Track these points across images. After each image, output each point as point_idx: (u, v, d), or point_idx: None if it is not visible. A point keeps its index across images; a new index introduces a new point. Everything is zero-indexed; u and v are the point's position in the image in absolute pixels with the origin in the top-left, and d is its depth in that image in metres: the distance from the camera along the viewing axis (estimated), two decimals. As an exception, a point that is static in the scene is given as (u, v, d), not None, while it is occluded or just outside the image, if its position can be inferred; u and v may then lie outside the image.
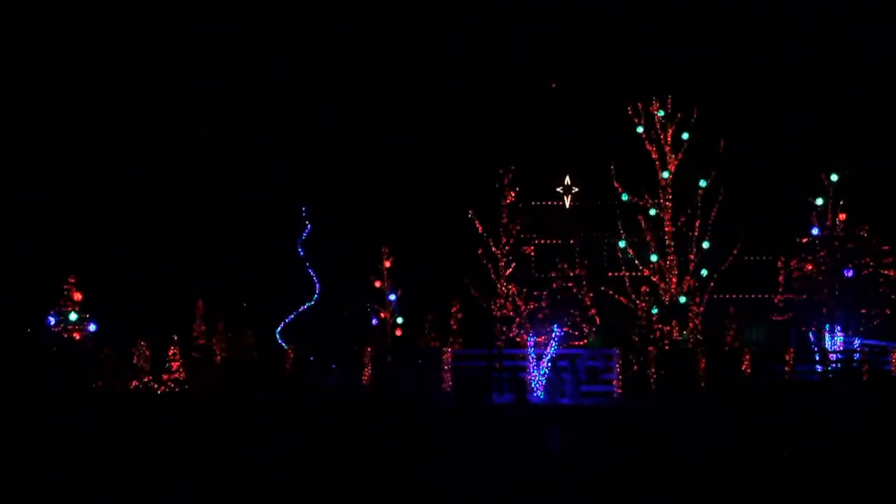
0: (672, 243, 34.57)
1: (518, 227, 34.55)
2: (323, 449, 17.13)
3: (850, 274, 36.06)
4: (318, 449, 17.15)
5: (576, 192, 42.78)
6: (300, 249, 46.59)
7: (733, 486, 13.24)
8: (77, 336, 31.66)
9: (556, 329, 31.35)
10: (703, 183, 34.73)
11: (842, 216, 36.92)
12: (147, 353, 31.21)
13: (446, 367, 31.33)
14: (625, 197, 35.10)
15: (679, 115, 34.94)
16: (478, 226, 34.44)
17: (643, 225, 34.87)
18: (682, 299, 34.01)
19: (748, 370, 32.18)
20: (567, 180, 42.59)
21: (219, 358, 34.79)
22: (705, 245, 34.60)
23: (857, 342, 37.01)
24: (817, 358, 35.59)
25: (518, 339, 33.25)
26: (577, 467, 15.08)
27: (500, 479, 13.79)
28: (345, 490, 13.05)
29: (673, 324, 33.88)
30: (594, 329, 33.72)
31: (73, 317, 31.75)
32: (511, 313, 33.74)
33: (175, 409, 26.20)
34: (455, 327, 42.89)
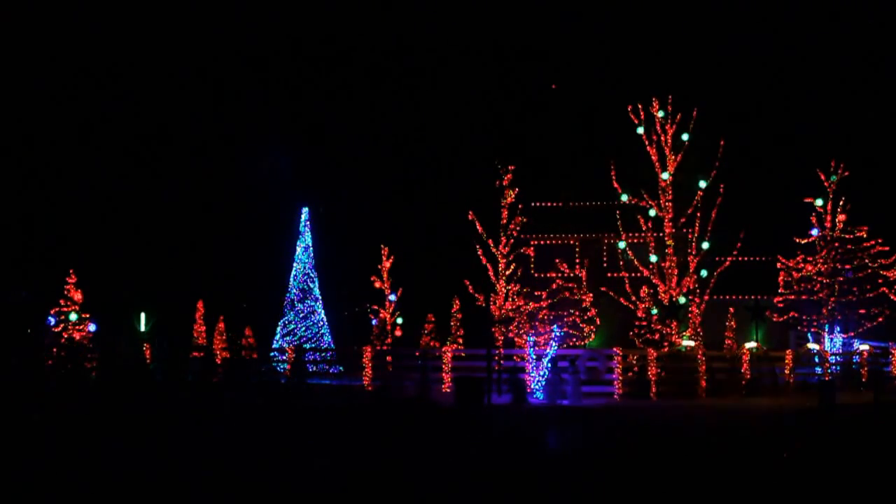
0: (672, 244, 34.54)
1: (518, 227, 34.50)
2: (322, 449, 17.15)
3: (850, 274, 36.05)
4: (318, 449, 17.17)
5: (576, 193, 42.74)
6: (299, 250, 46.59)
7: (734, 487, 13.27)
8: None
9: (556, 329, 31.31)
10: (702, 183, 34.67)
11: (841, 216, 36.91)
12: None
13: (446, 368, 31.28)
14: (624, 197, 35.05)
15: (679, 116, 34.88)
16: (478, 226, 34.41)
17: (643, 225, 34.83)
18: (682, 300, 33.96)
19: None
20: (567, 180, 42.57)
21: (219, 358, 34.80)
22: (705, 245, 34.54)
23: (856, 343, 36.96)
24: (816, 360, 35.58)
25: (518, 340, 33.21)
26: (576, 469, 15.11)
27: (498, 481, 13.82)
28: (344, 490, 13.07)
29: (672, 325, 33.83)
30: (594, 329, 33.72)
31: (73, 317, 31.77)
32: (511, 313, 33.69)
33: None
34: (455, 327, 42.96)
